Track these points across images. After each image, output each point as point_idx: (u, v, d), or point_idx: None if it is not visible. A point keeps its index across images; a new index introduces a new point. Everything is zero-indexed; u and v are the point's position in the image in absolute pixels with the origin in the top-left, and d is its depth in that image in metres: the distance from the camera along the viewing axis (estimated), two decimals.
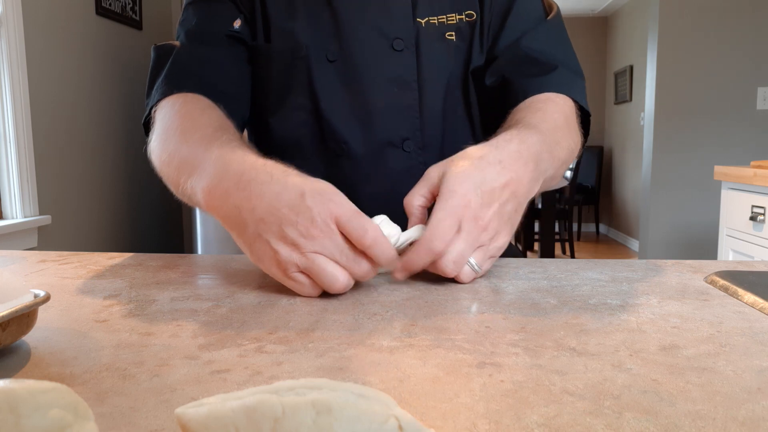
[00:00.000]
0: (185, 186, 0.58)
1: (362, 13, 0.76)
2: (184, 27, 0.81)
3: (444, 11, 0.78)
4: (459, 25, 0.78)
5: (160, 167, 0.65)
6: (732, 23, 3.54)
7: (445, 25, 0.78)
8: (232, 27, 0.78)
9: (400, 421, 0.22)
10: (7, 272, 0.61)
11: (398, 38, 0.76)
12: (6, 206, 2.24)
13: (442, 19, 0.78)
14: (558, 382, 0.33)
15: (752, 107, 3.58)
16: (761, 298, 0.47)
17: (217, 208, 0.53)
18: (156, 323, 0.43)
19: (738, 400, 0.30)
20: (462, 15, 0.78)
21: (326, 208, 0.48)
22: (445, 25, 0.78)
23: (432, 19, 0.77)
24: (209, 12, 0.79)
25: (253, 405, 0.22)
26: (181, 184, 0.59)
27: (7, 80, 2.16)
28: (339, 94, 0.78)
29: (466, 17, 0.78)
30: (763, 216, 1.81)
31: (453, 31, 0.78)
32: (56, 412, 0.22)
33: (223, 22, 0.78)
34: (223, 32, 0.78)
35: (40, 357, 0.37)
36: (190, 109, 0.69)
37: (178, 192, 0.62)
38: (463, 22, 0.78)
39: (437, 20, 0.78)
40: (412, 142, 0.78)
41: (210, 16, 0.79)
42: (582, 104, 0.76)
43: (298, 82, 0.79)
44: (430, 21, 0.77)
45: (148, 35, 3.27)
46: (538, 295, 0.50)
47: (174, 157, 0.62)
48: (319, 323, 0.43)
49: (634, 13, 5.50)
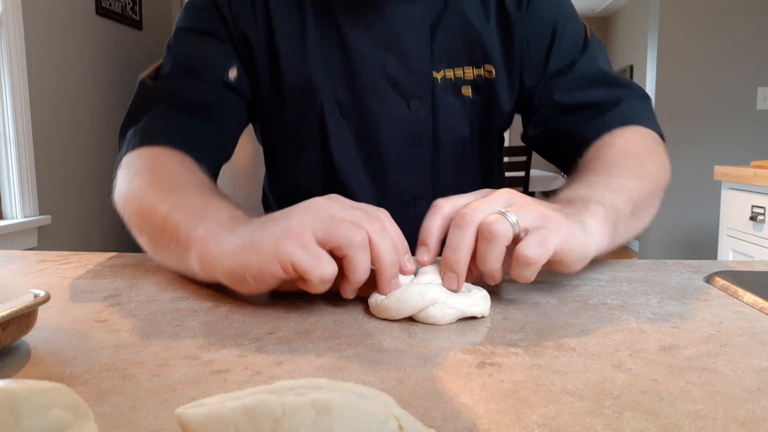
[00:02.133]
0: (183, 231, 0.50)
1: (380, 68, 0.72)
2: (172, 57, 0.74)
3: (460, 63, 0.75)
4: (476, 81, 0.75)
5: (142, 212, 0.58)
6: (732, 23, 3.53)
7: (462, 80, 0.75)
8: (226, 75, 0.73)
9: (400, 421, 0.22)
10: (7, 272, 0.61)
11: (415, 97, 0.74)
12: (6, 206, 2.24)
13: (458, 72, 0.75)
14: (558, 382, 0.33)
15: (752, 107, 3.58)
16: (761, 298, 0.47)
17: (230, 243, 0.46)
18: (156, 323, 0.43)
19: (738, 400, 0.30)
20: (480, 69, 0.75)
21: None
22: (462, 79, 0.75)
23: (448, 72, 0.74)
24: (201, 50, 0.73)
25: (253, 405, 0.22)
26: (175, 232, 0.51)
27: (7, 80, 2.16)
28: (352, 151, 0.75)
29: (485, 72, 0.75)
30: (763, 216, 1.81)
31: (469, 85, 0.75)
32: (56, 412, 0.22)
33: (217, 66, 0.73)
34: (215, 78, 0.73)
35: (40, 357, 0.37)
36: (166, 163, 0.64)
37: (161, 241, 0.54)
38: (481, 78, 0.75)
39: (453, 73, 0.75)
40: (423, 202, 0.75)
41: (203, 55, 0.73)
42: (654, 129, 0.72)
43: (310, 138, 0.76)
44: (446, 75, 0.74)
45: (148, 35, 3.27)
46: (538, 295, 0.50)
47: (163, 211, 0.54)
48: (319, 323, 0.43)
49: (634, 13, 5.50)
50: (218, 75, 0.72)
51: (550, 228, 0.44)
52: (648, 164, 0.63)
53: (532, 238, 0.43)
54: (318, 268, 0.41)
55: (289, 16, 0.73)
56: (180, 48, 0.74)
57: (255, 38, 0.74)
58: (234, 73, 0.73)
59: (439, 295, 0.43)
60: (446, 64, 0.74)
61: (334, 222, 0.42)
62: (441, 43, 0.73)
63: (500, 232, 0.43)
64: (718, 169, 2.06)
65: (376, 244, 0.43)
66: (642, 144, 0.67)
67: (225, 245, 0.45)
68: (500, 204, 0.45)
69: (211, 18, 0.73)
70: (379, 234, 0.43)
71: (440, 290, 0.43)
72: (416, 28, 0.72)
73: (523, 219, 0.44)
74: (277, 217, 0.45)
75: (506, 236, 0.43)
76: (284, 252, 0.41)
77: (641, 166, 0.61)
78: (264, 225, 0.44)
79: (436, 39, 0.73)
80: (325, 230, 0.42)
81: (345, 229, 0.42)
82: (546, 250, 0.43)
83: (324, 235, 0.42)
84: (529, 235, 0.43)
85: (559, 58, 0.75)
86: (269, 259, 0.42)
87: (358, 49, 0.72)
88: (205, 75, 0.72)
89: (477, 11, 0.74)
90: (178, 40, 0.75)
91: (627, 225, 0.56)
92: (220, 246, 0.46)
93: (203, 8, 0.74)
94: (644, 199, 0.59)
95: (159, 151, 0.66)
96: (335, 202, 0.45)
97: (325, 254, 0.42)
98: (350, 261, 0.42)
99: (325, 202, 0.45)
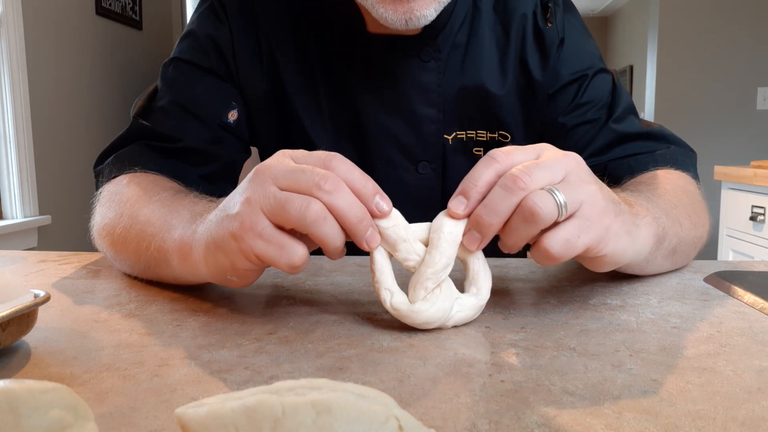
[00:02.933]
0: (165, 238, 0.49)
1: (388, 131, 0.69)
2: (170, 90, 0.69)
3: (473, 126, 0.71)
4: (489, 143, 0.72)
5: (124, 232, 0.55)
6: (732, 23, 3.53)
7: (474, 141, 0.72)
8: (226, 117, 0.69)
9: (400, 422, 0.22)
10: (7, 272, 0.61)
11: (424, 161, 0.71)
12: (6, 206, 2.24)
13: (471, 134, 0.71)
14: (558, 383, 0.33)
15: (752, 107, 3.58)
16: (761, 298, 0.47)
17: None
18: (156, 323, 0.43)
19: (738, 400, 0.30)
20: (494, 134, 0.72)
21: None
22: (474, 140, 0.72)
23: (460, 134, 0.71)
24: (200, 88, 0.69)
25: (253, 405, 0.22)
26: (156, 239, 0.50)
27: (7, 80, 2.16)
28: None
29: (499, 137, 0.72)
30: (763, 216, 1.81)
31: (482, 147, 0.72)
32: (56, 413, 0.22)
33: (216, 107, 0.69)
34: (214, 120, 0.69)
35: (40, 357, 0.37)
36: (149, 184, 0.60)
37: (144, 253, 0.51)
38: (494, 141, 0.72)
39: (465, 135, 0.71)
40: None
41: (202, 95, 0.69)
42: (697, 180, 0.68)
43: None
44: (458, 135, 0.71)
45: (148, 35, 3.27)
46: (538, 295, 0.50)
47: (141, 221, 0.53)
48: (319, 323, 0.43)
49: (634, 13, 5.50)
50: (217, 117, 0.69)
51: (593, 222, 0.40)
52: (700, 213, 0.60)
53: (565, 232, 0.39)
54: (283, 257, 0.39)
55: (297, 72, 0.69)
56: (178, 82, 0.70)
57: (258, 87, 0.70)
58: (234, 116, 0.70)
59: (454, 313, 0.41)
60: (458, 126, 0.71)
61: (279, 201, 0.38)
62: (454, 106, 0.70)
63: (542, 216, 0.38)
64: (718, 169, 2.06)
65: (334, 206, 0.39)
66: (694, 190, 0.63)
67: (195, 250, 0.44)
68: (558, 173, 0.40)
69: (212, 54, 0.70)
70: (334, 193, 0.39)
71: (453, 300, 0.41)
72: (428, 91, 0.69)
73: (573, 201, 0.39)
74: (227, 205, 0.42)
75: (548, 220, 0.38)
76: (246, 247, 0.39)
77: (695, 211, 0.58)
78: (219, 219, 0.42)
79: (449, 102, 0.70)
80: (274, 213, 0.39)
81: (293, 206, 0.38)
82: (573, 249, 0.39)
83: (276, 219, 0.39)
84: (564, 226, 0.39)
85: (586, 113, 0.71)
86: (237, 256, 0.40)
87: (367, 113, 0.69)
88: (204, 116, 0.68)
89: (494, 75, 0.70)
90: (176, 71, 0.70)
91: (663, 257, 0.53)
92: (192, 251, 0.45)
93: (204, 43, 0.70)
94: (687, 244, 0.56)
95: (141, 175, 0.63)
96: (277, 167, 0.40)
97: (286, 239, 0.39)
98: (314, 236, 0.39)
99: (266, 172, 0.40)
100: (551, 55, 0.70)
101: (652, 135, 0.70)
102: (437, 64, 0.68)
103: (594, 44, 0.75)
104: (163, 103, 0.69)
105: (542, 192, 0.38)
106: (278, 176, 0.39)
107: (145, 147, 0.66)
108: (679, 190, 0.60)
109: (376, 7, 0.58)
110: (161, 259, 0.49)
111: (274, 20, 0.69)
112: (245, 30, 0.69)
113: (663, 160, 0.67)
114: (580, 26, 0.74)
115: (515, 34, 0.70)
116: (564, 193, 0.39)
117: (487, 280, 0.43)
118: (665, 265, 0.56)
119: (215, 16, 0.70)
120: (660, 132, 0.71)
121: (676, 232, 0.53)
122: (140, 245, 0.51)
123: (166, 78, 0.71)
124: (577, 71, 0.71)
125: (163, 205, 0.53)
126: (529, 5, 0.71)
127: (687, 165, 0.67)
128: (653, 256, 0.50)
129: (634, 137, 0.70)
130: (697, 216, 0.58)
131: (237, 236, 0.39)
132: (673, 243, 0.53)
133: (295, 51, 0.69)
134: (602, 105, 0.72)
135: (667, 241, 0.51)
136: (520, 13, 0.70)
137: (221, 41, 0.69)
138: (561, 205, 0.38)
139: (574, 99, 0.71)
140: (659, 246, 0.50)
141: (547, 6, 0.71)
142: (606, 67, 0.74)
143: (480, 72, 0.70)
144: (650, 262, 0.51)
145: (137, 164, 0.64)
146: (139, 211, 0.54)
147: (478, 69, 0.70)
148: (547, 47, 0.70)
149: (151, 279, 0.54)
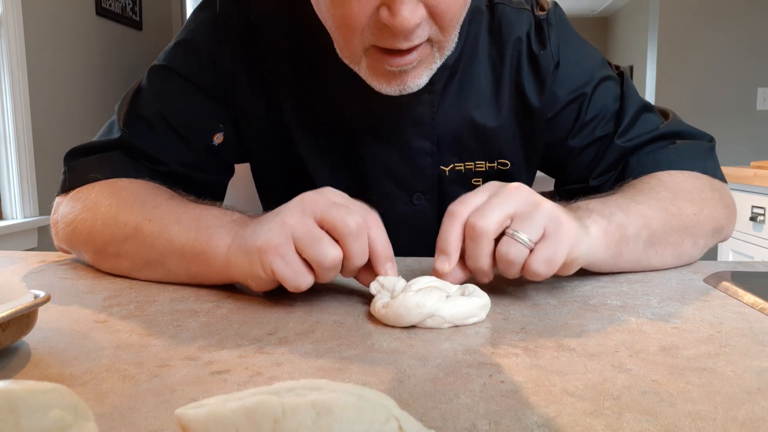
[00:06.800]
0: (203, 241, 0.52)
1: (382, 163, 0.69)
2: (155, 100, 0.67)
3: (472, 158, 0.71)
4: (488, 172, 0.72)
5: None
6: (732, 23, 3.53)
7: (473, 172, 0.71)
8: (211, 140, 0.68)
9: (400, 422, 0.22)
10: (7, 273, 0.61)
11: (419, 192, 0.71)
12: (6, 206, 2.24)
13: (469, 165, 0.71)
14: (558, 383, 0.33)
15: (752, 107, 3.58)
16: (761, 298, 0.47)
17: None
18: (156, 324, 0.43)
19: (738, 401, 0.30)
20: (494, 163, 0.72)
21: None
22: (473, 171, 0.71)
23: (458, 166, 0.71)
24: (188, 106, 0.68)
25: (253, 406, 0.22)
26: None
27: (7, 80, 2.16)
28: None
29: (499, 165, 0.72)
30: (763, 216, 1.81)
31: (480, 177, 0.72)
32: (56, 413, 0.22)
33: (202, 129, 0.68)
34: (199, 142, 0.68)
35: (40, 357, 0.37)
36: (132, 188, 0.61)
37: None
38: (494, 170, 0.72)
39: (464, 166, 0.71)
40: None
41: (188, 113, 0.68)
42: (713, 174, 0.67)
43: None
44: (456, 167, 0.71)
45: (148, 36, 3.27)
46: (538, 295, 0.50)
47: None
48: (319, 324, 0.43)
49: (634, 13, 5.50)
50: (203, 141, 0.68)
51: (560, 237, 0.46)
52: (683, 203, 0.60)
53: (543, 253, 0.45)
54: (293, 280, 0.45)
55: (295, 104, 0.69)
56: (167, 93, 0.68)
57: (255, 114, 0.69)
58: (220, 139, 0.69)
59: (437, 307, 0.42)
60: (456, 158, 0.71)
61: (309, 237, 0.45)
62: (451, 139, 0.70)
63: (516, 260, 0.46)
64: None
65: (351, 255, 0.46)
66: (689, 185, 0.64)
67: (230, 251, 0.50)
68: (509, 206, 0.47)
69: (208, 73, 0.68)
70: (357, 247, 0.46)
71: (438, 297, 0.42)
72: (422, 124, 0.68)
73: (535, 230, 0.46)
74: (266, 218, 0.48)
75: (522, 258, 0.46)
76: (266, 262, 0.45)
77: (673, 203, 0.59)
78: (255, 230, 0.47)
79: (446, 135, 0.69)
80: (300, 244, 0.45)
81: (317, 248, 0.44)
82: (555, 263, 0.46)
83: (299, 248, 0.45)
84: (540, 249, 0.46)
85: (594, 130, 0.71)
86: (257, 266, 0.46)
87: (363, 145, 0.69)
88: (190, 139, 0.67)
89: (489, 106, 0.70)
90: (167, 81, 0.68)
91: (638, 251, 0.55)
92: (228, 250, 0.50)
93: (201, 59, 0.68)
94: (666, 234, 0.57)
95: (119, 180, 0.63)
96: (322, 202, 0.46)
97: (301, 266, 0.45)
98: (319, 275, 0.46)
99: (311, 205, 0.46)
100: (547, 80, 0.69)
101: (662, 136, 0.70)
102: (431, 97, 0.67)
103: (593, 52, 0.74)
104: (150, 113, 0.67)
105: (508, 239, 0.46)
106: (317, 212, 0.45)
107: (130, 159, 0.66)
108: (660, 187, 0.62)
109: (370, 79, 0.59)
110: (184, 259, 0.53)
111: (275, 52, 0.68)
112: (247, 56, 0.68)
113: (665, 162, 0.67)
114: (575, 41, 0.72)
115: (510, 59, 0.69)
116: (524, 230, 0.46)
117: (478, 289, 0.46)
118: (648, 260, 0.57)
119: (217, 33, 0.68)
120: (670, 130, 0.70)
121: (643, 225, 0.55)
122: (147, 247, 0.55)
123: (155, 84, 0.69)
124: (575, 90, 0.70)
125: (190, 209, 0.56)
126: (524, 27, 0.69)
127: (689, 162, 0.67)
128: (618, 249, 0.53)
129: (643, 145, 0.69)
130: (681, 205, 0.59)
131: (262, 250, 0.45)
132: (643, 235, 0.55)
133: (293, 82, 0.68)
134: (609, 117, 0.71)
135: (633, 234, 0.54)
136: (515, 37, 0.69)
137: (221, 62, 0.67)
138: (526, 243, 0.45)
139: (578, 118, 0.70)
140: (621, 239, 0.53)
141: (541, 26, 0.69)
142: (609, 73, 0.73)
143: (475, 104, 0.69)
144: (618, 256, 0.54)
145: (126, 174, 0.64)
146: (171, 212, 0.56)
147: (473, 101, 0.69)
148: (542, 73, 0.69)
149: (160, 278, 0.55)
